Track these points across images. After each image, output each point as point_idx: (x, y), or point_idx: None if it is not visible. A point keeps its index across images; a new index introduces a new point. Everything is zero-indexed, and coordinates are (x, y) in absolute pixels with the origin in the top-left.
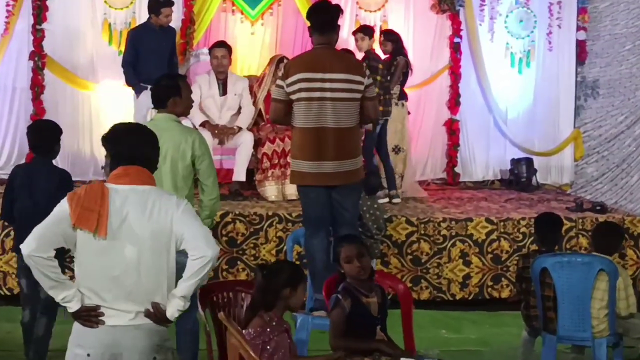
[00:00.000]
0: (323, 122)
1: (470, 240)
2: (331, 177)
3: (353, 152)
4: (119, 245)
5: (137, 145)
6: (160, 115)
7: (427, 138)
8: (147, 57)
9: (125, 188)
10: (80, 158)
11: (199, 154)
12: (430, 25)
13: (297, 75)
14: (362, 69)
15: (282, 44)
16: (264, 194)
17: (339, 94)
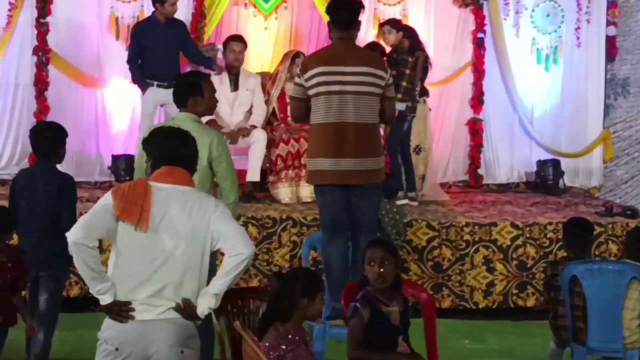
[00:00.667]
0: (343, 117)
1: (494, 246)
2: (351, 175)
3: (375, 150)
4: (158, 240)
5: (180, 147)
6: (181, 114)
7: (448, 138)
8: (152, 52)
9: (168, 187)
10: (86, 158)
11: (216, 155)
12: (452, 19)
13: (316, 69)
14: (383, 64)
15: (296, 39)
16: (277, 196)
17: (359, 87)
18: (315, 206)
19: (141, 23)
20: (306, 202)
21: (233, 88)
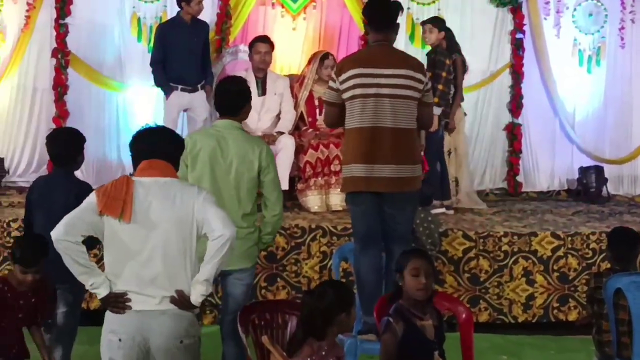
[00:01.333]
0: (380, 121)
1: (534, 257)
2: (386, 182)
3: (412, 157)
4: (143, 232)
5: (156, 142)
6: (222, 122)
7: (485, 144)
8: (177, 54)
9: (149, 180)
10: (106, 164)
11: (265, 165)
12: (489, 20)
13: (351, 71)
14: (422, 67)
15: (325, 40)
16: (306, 204)
17: (397, 90)
18: (346, 215)
19: (166, 24)
20: (336, 210)
21: (260, 92)
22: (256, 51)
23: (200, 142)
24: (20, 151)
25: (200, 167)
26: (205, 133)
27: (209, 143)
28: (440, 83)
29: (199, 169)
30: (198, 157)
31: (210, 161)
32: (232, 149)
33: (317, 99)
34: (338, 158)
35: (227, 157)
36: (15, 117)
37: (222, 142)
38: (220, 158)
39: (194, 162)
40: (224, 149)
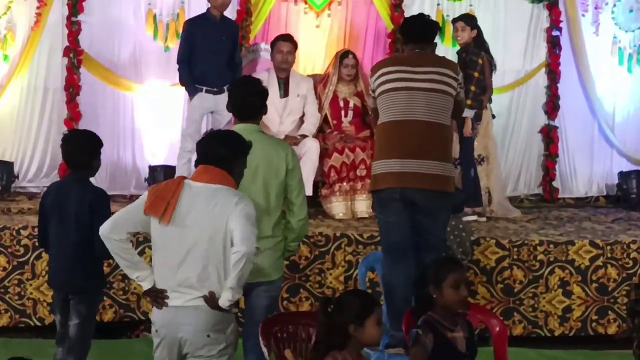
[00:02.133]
0: (412, 114)
1: (571, 267)
2: (418, 178)
3: (445, 154)
4: (182, 233)
5: (210, 148)
6: (242, 126)
7: (519, 147)
8: (202, 53)
9: (199, 185)
10: (121, 169)
11: (292, 167)
12: (524, 16)
13: (382, 70)
14: (456, 68)
15: (351, 39)
16: (330, 211)
17: (432, 84)
18: (372, 222)
19: (194, 19)
20: (362, 217)
21: (283, 94)
22: (278, 50)
23: None
24: (31, 155)
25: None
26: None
27: None
28: (473, 84)
29: None
30: None
31: None
32: (257, 154)
33: (341, 100)
34: (364, 162)
35: (251, 164)
36: (25, 119)
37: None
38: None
39: None
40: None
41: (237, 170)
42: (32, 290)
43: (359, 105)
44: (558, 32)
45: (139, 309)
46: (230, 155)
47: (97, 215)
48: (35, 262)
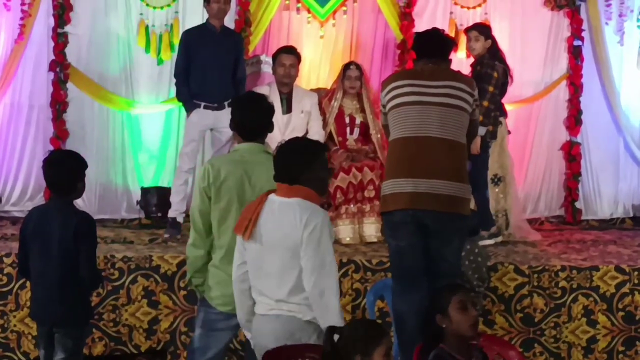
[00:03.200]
0: (425, 130)
1: (595, 294)
2: (430, 199)
3: (460, 174)
4: (259, 250)
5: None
6: (247, 146)
7: (539, 166)
8: (200, 66)
9: (278, 199)
10: (111, 191)
11: None
12: (543, 24)
13: (393, 84)
14: (472, 84)
15: (357, 50)
16: (336, 235)
17: (446, 99)
18: (382, 247)
19: (192, 30)
20: (371, 242)
21: (285, 110)
22: (280, 63)
23: (224, 171)
24: (14, 177)
25: (226, 200)
26: (229, 160)
27: (234, 171)
28: (486, 99)
29: (225, 202)
30: (222, 188)
31: (237, 192)
32: (261, 176)
33: (347, 116)
34: (373, 183)
35: (255, 187)
36: (8, 139)
37: (249, 170)
38: (248, 188)
39: (218, 193)
40: (251, 178)
41: (313, 177)
42: (15, 322)
43: (365, 122)
44: (580, 42)
45: (131, 341)
46: (296, 165)
47: (83, 242)
48: (19, 292)
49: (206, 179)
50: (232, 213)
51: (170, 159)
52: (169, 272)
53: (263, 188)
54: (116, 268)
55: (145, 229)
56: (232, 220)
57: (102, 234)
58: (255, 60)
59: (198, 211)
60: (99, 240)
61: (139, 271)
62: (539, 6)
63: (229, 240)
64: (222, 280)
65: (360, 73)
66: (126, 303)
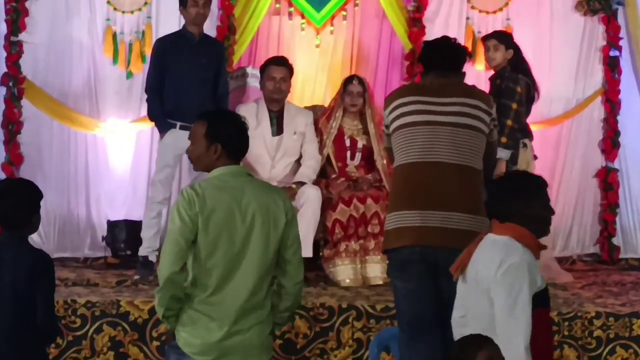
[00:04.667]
0: (435, 155)
1: (636, 346)
2: (441, 234)
3: (477, 205)
4: (466, 288)
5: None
6: (225, 169)
7: (570, 196)
8: (177, 79)
9: (490, 237)
10: (73, 225)
11: (291, 217)
12: (574, 32)
13: (398, 100)
14: (489, 101)
15: (359, 61)
16: (334, 276)
17: (461, 118)
18: (387, 290)
19: (166, 38)
20: (376, 285)
21: (275, 130)
22: (270, 77)
23: (211, 198)
24: None
25: (215, 231)
26: (213, 184)
27: (222, 198)
28: (509, 117)
29: (213, 234)
30: (211, 220)
31: (227, 222)
32: (251, 203)
33: (347, 138)
34: (377, 216)
35: (246, 215)
36: None
37: (237, 196)
38: (238, 217)
39: (207, 225)
40: (241, 205)
41: (531, 215)
42: None
43: (368, 145)
44: (617, 52)
45: None
46: (514, 201)
47: (38, 284)
48: None
49: (193, 207)
50: (219, 248)
51: (141, 188)
52: (139, 320)
53: (255, 218)
54: (78, 315)
55: (112, 269)
56: (221, 255)
57: (61, 275)
58: (241, 74)
59: (181, 233)
60: (57, 282)
61: (105, 318)
62: (569, 10)
63: (218, 279)
64: (203, 325)
65: (363, 88)
66: (89, 356)
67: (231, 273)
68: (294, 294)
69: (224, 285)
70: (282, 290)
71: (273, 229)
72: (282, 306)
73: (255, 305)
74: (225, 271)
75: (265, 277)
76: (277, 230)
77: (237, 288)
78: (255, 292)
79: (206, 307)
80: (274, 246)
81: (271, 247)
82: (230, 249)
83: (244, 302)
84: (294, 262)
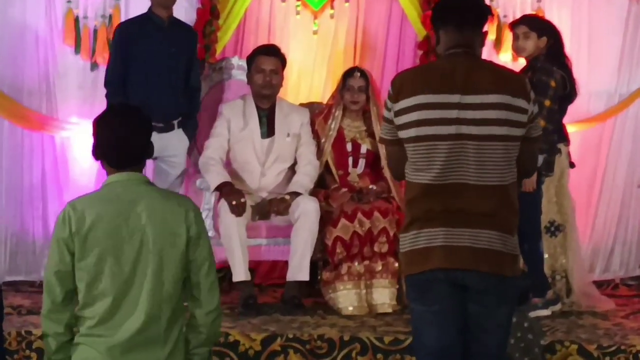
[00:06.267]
0: (460, 175)
1: None
2: (470, 255)
3: (509, 222)
4: None
5: None
6: (117, 178)
7: (612, 209)
8: (143, 72)
9: None
10: (27, 245)
11: (196, 232)
12: (617, 16)
13: (413, 98)
14: (524, 88)
15: (364, 50)
16: (335, 303)
17: (489, 128)
18: (398, 319)
19: (130, 22)
20: (383, 313)
21: (266, 132)
22: (258, 69)
23: (90, 214)
24: None
25: (96, 255)
26: (98, 198)
27: (105, 213)
28: (543, 116)
29: (94, 255)
30: (88, 239)
31: (112, 241)
32: (143, 216)
33: (350, 142)
34: (386, 232)
35: (134, 232)
36: None
37: (125, 209)
38: (125, 234)
39: (83, 246)
40: (129, 220)
41: None
42: None
43: (374, 150)
44: None
45: None
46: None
47: None
48: None
49: (67, 227)
50: (105, 273)
51: None
52: None
53: (146, 235)
54: (34, 349)
55: None
56: (108, 281)
57: (13, 302)
58: (225, 65)
59: (55, 273)
60: (9, 310)
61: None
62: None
63: (105, 309)
64: (90, 357)
65: (366, 83)
66: None
67: (120, 301)
68: (206, 326)
69: (111, 316)
70: (194, 321)
71: (170, 248)
72: (195, 341)
73: (149, 340)
74: (113, 300)
75: (164, 305)
76: (175, 248)
77: (125, 318)
78: (149, 324)
79: (90, 339)
80: (174, 269)
81: (168, 269)
82: (118, 274)
83: (132, 336)
84: (204, 286)
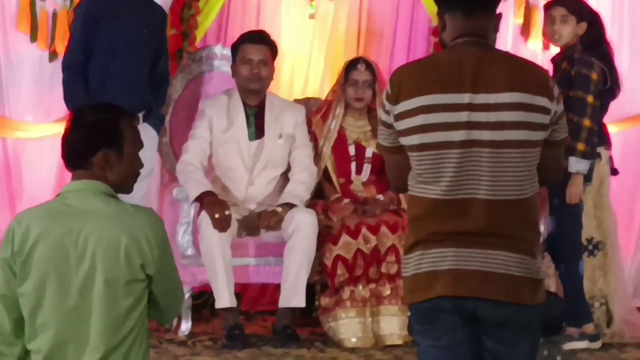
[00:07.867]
0: (471, 189)
1: None
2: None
3: (529, 242)
4: None
5: None
6: (79, 184)
7: None
8: (106, 56)
9: None
10: None
11: (154, 257)
12: None
13: (417, 99)
14: (547, 84)
15: (368, 37)
16: (336, 334)
17: (504, 133)
18: (409, 352)
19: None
20: (392, 345)
21: (254, 133)
22: (244, 59)
23: (36, 229)
24: None
25: (38, 276)
26: (47, 210)
27: (52, 228)
28: (585, 115)
29: (36, 278)
30: (32, 259)
31: (56, 264)
32: (92, 234)
33: (352, 144)
34: (395, 251)
35: (84, 254)
36: None
37: (75, 225)
38: (72, 256)
39: (24, 267)
40: (79, 239)
41: None
42: None
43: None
44: None
45: None
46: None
47: None
48: None
49: (10, 245)
50: (47, 298)
51: None
52: None
53: (96, 256)
54: None
55: None
56: (51, 310)
57: None
58: (206, 55)
59: (1, 299)
60: None
61: None
62: None
63: (50, 343)
64: None
65: (372, 76)
66: None
67: (65, 335)
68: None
69: (59, 351)
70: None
71: (122, 271)
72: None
73: None
74: (56, 332)
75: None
76: (127, 273)
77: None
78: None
79: None
80: (126, 299)
81: (123, 301)
82: (62, 302)
83: None
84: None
